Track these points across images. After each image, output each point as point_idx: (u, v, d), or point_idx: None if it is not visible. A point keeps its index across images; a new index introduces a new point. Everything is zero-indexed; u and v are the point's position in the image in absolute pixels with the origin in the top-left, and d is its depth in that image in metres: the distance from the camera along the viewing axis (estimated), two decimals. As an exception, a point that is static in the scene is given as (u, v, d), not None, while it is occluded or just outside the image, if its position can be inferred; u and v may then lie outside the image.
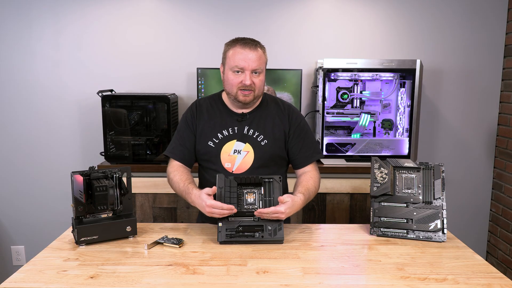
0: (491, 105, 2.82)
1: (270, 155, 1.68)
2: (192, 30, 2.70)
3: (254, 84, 1.60)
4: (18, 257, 2.87)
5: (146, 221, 2.44)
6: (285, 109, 1.73)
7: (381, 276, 1.26)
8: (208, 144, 1.67)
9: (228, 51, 1.63)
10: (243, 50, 1.59)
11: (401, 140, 2.56)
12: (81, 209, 1.47)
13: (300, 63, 2.70)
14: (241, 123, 1.68)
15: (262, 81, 1.64)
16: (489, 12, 2.72)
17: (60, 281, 1.21)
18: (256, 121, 1.69)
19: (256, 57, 1.59)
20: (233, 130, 1.68)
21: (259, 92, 1.65)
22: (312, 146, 1.74)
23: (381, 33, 2.73)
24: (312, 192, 1.63)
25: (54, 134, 2.76)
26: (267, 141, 1.68)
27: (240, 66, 1.58)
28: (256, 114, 1.70)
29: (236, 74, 1.60)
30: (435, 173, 1.58)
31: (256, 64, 1.59)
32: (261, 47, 1.64)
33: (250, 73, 1.59)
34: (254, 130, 1.68)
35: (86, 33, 2.68)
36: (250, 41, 1.62)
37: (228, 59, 1.62)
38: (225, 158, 1.67)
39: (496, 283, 1.22)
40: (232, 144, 1.67)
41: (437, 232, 1.52)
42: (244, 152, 1.67)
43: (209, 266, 1.31)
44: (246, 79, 1.58)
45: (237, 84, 1.60)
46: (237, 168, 1.66)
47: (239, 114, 1.69)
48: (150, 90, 2.71)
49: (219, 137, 1.67)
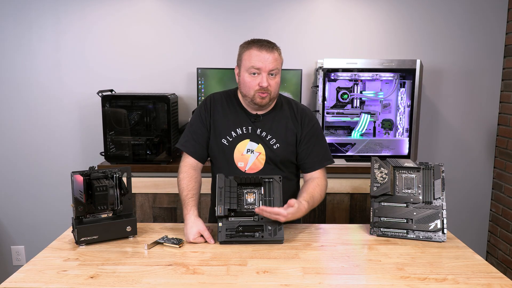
0: (491, 105, 2.82)
1: (281, 159, 1.67)
2: (192, 30, 2.70)
3: (270, 85, 1.59)
4: (18, 257, 2.87)
5: (146, 221, 2.44)
6: (298, 112, 1.71)
7: (381, 276, 1.26)
8: (222, 142, 1.66)
9: (244, 53, 1.61)
10: (259, 52, 1.57)
11: (401, 140, 2.56)
12: (81, 209, 1.47)
13: (300, 63, 2.70)
14: (255, 124, 1.67)
15: (278, 83, 1.62)
16: (489, 12, 2.72)
17: (60, 281, 1.21)
18: (269, 124, 1.67)
19: (273, 58, 1.57)
20: (247, 130, 1.67)
21: (275, 94, 1.63)
22: (322, 152, 1.70)
23: (381, 33, 2.73)
24: (316, 200, 1.61)
25: (54, 134, 2.76)
26: (279, 145, 1.66)
27: (257, 66, 1.56)
28: (269, 116, 1.68)
29: (252, 76, 1.58)
30: (435, 173, 1.58)
31: (273, 65, 1.57)
32: (277, 49, 1.62)
33: (267, 75, 1.58)
34: (266, 133, 1.66)
35: (87, 33, 2.68)
36: (267, 42, 1.60)
37: (244, 61, 1.60)
38: (238, 157, 1.66)
39: (496, 283, 1.22)
40: (245, 143, 1.66)
41: (437, 232, 1.52)
42: (257, 152, 1.66)
43: (209, 266, 1.31)
44: (263, 80, 1.57)
45: (254, 87, 1.58)
46: (250, 168, 1.66)
47: (253, 115, 1.68)
48: (150, 90, 2.71)
49: (233, 135, 1.66)
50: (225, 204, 1.48)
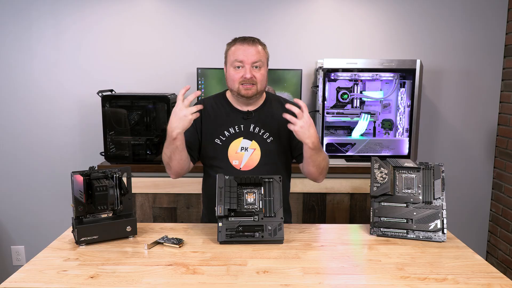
0: (491, 105, 2.82)
1: (277, 152, 1.71)
2: (192, 30, 2.70)
3: (255, 77, 1.62)
4: (18, 257, 2.87)
5: (146, 221, 2.44)
6: None
7: (381, 276, 1.26)
8: (215, 142, 1.69)
9: (228, 50, 1.67)
10: (242, 46, 1.62)
11: (401, 140, 2.56)
12: (81, 209, 1.47)
13: (300, 63, 2.70)
14: (247, 121, 1.70)
15: (263, 75, 1.65)
16: (489, 12, 2.71)
17: (60, 281, 1.21)
18: (262, 120, 1.71)
19: (255, 51, 1.62)
20: (239, 128, 1.69)
21: (261, 86, 1.66)
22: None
23: (381, 33, 2.73)
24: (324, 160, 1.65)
25: (54, 134, 2.76)
26: (273, 138, 1.70)
27: (240, 59, 1.61)
28: (261, 112, 1.72)
29: (236, 69, 1.63)
30: (435, 173, 1.58)
31: (255, 57, 1.61)
32: (261, 43, 1.67)
33: (250, 67, 1.61)
34: (260, 128, 1.70)
35: (87, 34, 2.68)
36: (249, 38, 1.66)
37: (229, 57, 1.66)
38: (232, 156, 1.68)
39: (496, 283, 1.22)
40: (239, 142, 1.69)
41: (437, 232, 1.52)
42: (251, 149, 1.69)
43: (209, 266, 1.31)
44: (246, 72, 1.61)
45: (238, 79, 1.62)
46: (244, 165, 1.69)
47: (245, 112, 1.70)
48: (150, 90, 2.71)
49: (226, 135, 1.69)
50: (225, 204, 1.48)
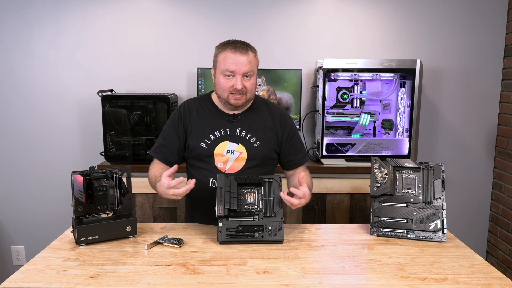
0: (491, 105, 2.82)
1: (262, 156, 1.69)
2: (192, 30, 2.70)
3: (245, 87, 1.60)
4: (18, 257, 2.87)
5: (146, 221, 2.44)
6: (277, 113, 1.74)
7: (381, 276, 1.26)
8: (201, 145, 1.67)
9: (218, 54, 1.62)
10: (233, 54, 1.57)
11: (401, 140, 2.56)
12: (81, 209, 1.47)
13: (300, 63, 2.70)
14: (233, 124, 1.68)
15: (253, 84, 1.63)
16: (489, 12, 2.72)
17: (60, 281, 1.21)
18: (247, 123, 1.69)
19: (247, 60, 1.58)
20: (225, 131, 1.68)
21: (251, 95, 1.65)
22: (303, 148, 1.80)
23: (381, 33, 2.73)
24: (310, 189, 1.64)
25: (54, 134, 2.76)
26: (259, 142, 1.68)
27: (231, 69, 1.57)
28: (247, 115, 1.70)
29: (227, 78, 1.59)
30: (435, 173, 1.58)
31: (247, 68, 1.58)
32: (252, 50, 1.62)
33: (241, 77, 1.58)
34: (246, 131, 1.68)
35: (86, 33, 2.68)
36: (241, 44, 1.60)
37: (219, 63, 1.61)
38: (218, 159, 1.67)
39: (496, 283, 1.22)
40: (225, 145, 1.67)
41: (437, 232, 1.52)
42: (237, 152, 1.67)
43: (209, 266, 1.31)
44: (237, 83, 1.58)
45: (228, 88, 1.60)
46: (229, 168, 1.67)
47: (231, 115, 1.69)
48: (150, 90, 2.71)
49: (212, 138, 1.67)
50: (225, 204, 1.48)
